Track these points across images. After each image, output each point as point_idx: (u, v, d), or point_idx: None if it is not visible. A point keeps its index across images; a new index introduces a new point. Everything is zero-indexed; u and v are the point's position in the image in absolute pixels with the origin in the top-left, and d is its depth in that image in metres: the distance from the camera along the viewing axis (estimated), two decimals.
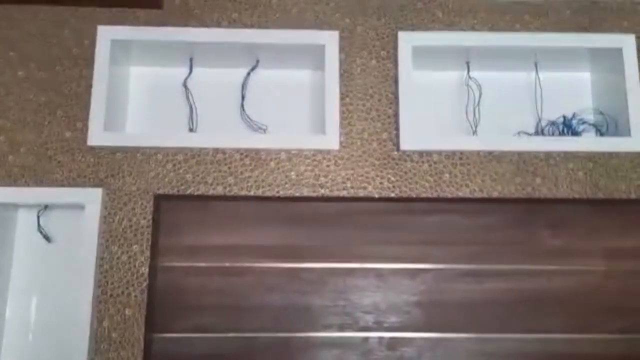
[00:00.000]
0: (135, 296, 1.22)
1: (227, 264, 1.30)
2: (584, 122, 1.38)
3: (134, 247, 1.23)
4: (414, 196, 1.29)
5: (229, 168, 1.28)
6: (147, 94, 1.39)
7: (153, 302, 1.26)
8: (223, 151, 1.29)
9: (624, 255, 1.32)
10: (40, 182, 1.26)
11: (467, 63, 1.40)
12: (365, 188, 1.29)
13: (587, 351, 1.28)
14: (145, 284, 1.22)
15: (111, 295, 1.21)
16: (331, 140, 1.29)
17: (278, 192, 1.28)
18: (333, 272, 1.31)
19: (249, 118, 1.37)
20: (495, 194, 1.29)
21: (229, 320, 1.27)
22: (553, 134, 1.38)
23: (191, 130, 1.35)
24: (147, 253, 1.23)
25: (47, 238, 1.30)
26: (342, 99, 1.32)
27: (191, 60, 1.38)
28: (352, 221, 1.33)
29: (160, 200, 1.29)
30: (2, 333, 1.27)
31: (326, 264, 1.31)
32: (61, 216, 1.31)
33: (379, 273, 1.31)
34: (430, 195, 1.29)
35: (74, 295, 1.21)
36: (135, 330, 1.20)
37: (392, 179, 1.30)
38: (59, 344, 1.25)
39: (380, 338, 1.28)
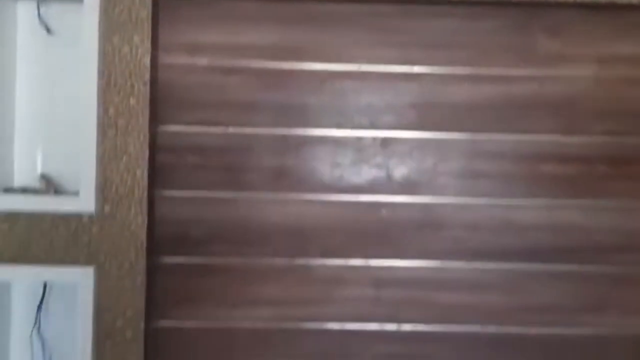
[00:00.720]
0: (139, 88, 1.25)
1: (227, 63, 1.32)
2: None
3: (135, 38, 1.25)
4: None
5: None
6: None
7: (156, 96, 1.30)
8: None
9: (617, 61, 1.33)
10: None
11: None
12: None
13: (573, 151, 1.33)
14: (147, 76, 1.25)
15: (115, 85, 1.25)
16: None
17: None
18: (330, 73, 1.33)
19: None
20: None
21: (230, 116, 1.32)
22: None
23: None
24: (148, 44, 1.25)
25: (48, 29, 1.31)
26: None
27: None
28: (350, 23, 1.33)
29: None
30: (14, 122, 1.34)
31: (324, 65, 1.33)
32: (60, 10, 1.31)
33: (375, 75, 1.33)
34: None
35: (78, 86, 1.24)
36: (140, 119, 1.26)
37: None
38: (67, 131, 1.31)
39: (374, 136, 1.34)
